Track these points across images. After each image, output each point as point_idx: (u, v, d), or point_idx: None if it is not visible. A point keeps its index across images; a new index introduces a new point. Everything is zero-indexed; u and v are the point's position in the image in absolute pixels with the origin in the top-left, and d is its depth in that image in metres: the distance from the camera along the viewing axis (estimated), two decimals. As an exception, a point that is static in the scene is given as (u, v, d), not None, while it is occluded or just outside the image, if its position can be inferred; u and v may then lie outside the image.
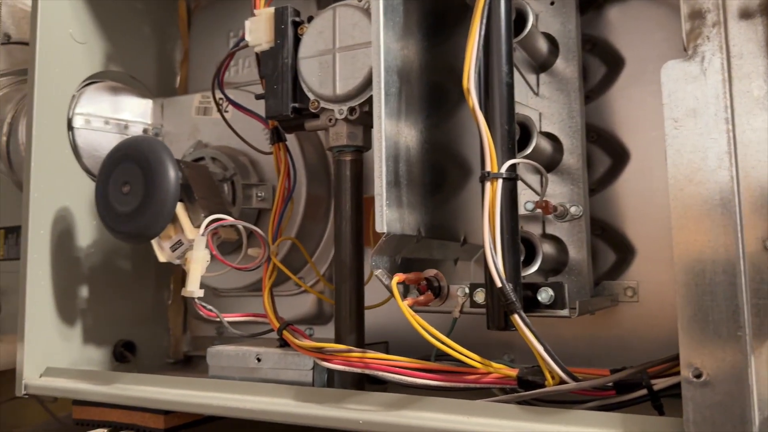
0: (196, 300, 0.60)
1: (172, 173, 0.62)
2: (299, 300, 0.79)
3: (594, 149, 0.66)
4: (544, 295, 0.48)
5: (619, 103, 0.66)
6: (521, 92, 0.61)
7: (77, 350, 0.76)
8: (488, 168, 0.47)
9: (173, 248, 0.66)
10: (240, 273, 0.72)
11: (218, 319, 0.61)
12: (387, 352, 0.67)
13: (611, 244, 0.65)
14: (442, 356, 0.53)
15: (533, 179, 0.59)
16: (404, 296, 0.54)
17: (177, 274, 0.88)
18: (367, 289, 0.60)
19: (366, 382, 0.58)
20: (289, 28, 0.58)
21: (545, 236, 0.60)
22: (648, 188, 0.64)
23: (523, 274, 0.53)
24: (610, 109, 0.66)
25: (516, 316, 0.45)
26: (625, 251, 0.65)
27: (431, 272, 0.54)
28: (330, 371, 0.58)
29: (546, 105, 0.62)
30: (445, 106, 0.64)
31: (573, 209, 0.59)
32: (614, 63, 0.66)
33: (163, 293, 0.87)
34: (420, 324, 0.48)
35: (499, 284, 0.45)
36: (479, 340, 0.56)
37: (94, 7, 0.80)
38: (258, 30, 0.59)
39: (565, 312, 0.48)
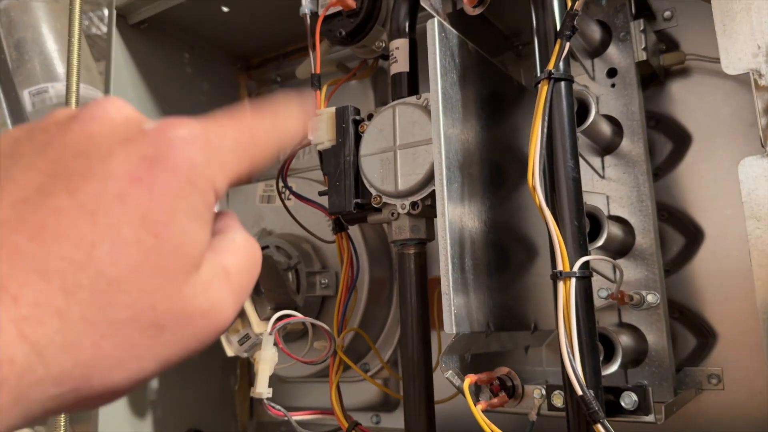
0: (265, 401, 0.60)
1: (238, 270, 0.63)
2: (365, 386, 0.78)
3: (666, 228, 0.64)
4: (628, 400, 0.46)
5: (688, 180, 0.64)
6: (586, 178, 0.60)
7: (148, 442, 0.77)
8: (560, 267, 0.46)
9: (241, 342, 0.66)
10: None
11: (286, 418, 0.60)
12: (459, 448, 0.65)
13: (691, 327, 0.62)
14: (519, 460, 0.51)
15: (606, 266, 0.57)
16: (476, 396, 0.52)
17: (243, 360, 0.89)
18: (435, 378, 0.59)
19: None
20: (350, 127, 0.59)
21: (622, 325, 0.58)
22: (726, 268, 0.61)
23: (603, 373, 0.51)
24: (680, 187, 0.64)
25: (599, 426, 0.42)
26: (706, 335, 0.61)
27: (503, 370, 0.53)
28: (402, 473, 0.56)
29: (614, 188, 0.60)
30: (506, 185, 0.63)
31: (650, 297, 0.56)
32: (681, 139, 0.65)
33: (230, 379, 0.88)
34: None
35: (579, 392, 0.43)
36: None
37: (161, 102, 0.84)
38: (320, 129, 0.60)
39: (650, 418, 0.45)
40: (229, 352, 0.67)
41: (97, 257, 0.22)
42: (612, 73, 0.61)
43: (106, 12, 1.59)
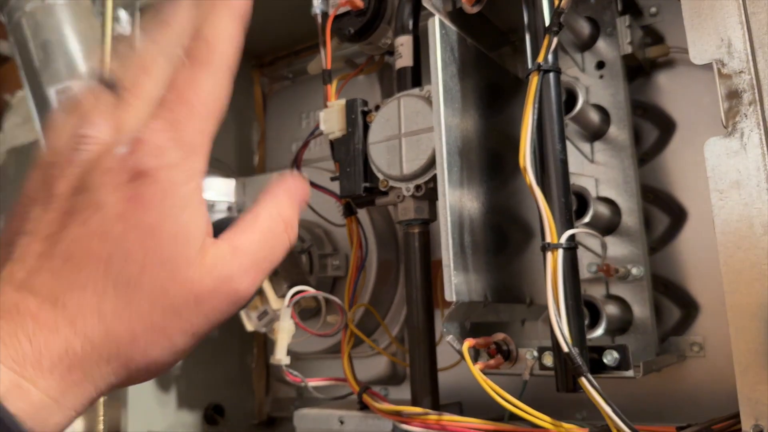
0: (284, 367, 0.65)
1: (257, 250, 0.68)
2: (374, 361, 0.83)
3: (652, 209, 0.69)
4: (609, 357, 0.51)
5: (673, 164, 0.69)
6: (576, 162, 0.65)
7: (172, 415, 0.83)
8: (548, 239, 0.51)
9: (260, 318, 0.72)
10: (319, 338, 0.78)
11: (303, 384, 0.66)
12: (461, 413, 0.70)
13: (675, 300, 0.67)
14: (515, 417, 0.56)
15: (595, 243, 0.63)
16: (475, 360, 0.57)
17: (259, 339, 0.94)
18: (438, 351, 0.64)
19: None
20: (359, 117, 0.64)
21: (609, 297, 0.63)
22: (707, 245, 0.66)
23: (589, 336, 0.56)
24: (666, 170, 0.69)
25: (583, 379, 0.48)
26: (689, 307, 0.66)
27: (499, 336, 0.58)
28: (408, 432, 0.61)
29: (602, 171, 0.65)
30: (504, 171, 0.68)
31: (635, 270, 0.62)
32: (666, 126, 0.70)
33: (247, 357, 0.94)
34: (491, 387, 0.51)
35: (565, 349, 0.48)
36: (553, 398, 0.58)
37: (181, 99, 0.90)
38: (331, 120, 0.66)
39: (630, 373, 0.51)
40: (249, 327, 0.72)
41: (114, 266, 0.29)
42: (600, 65, 0.66)
43: (121, 13, 1.65)
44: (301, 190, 0.39)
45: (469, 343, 0.55)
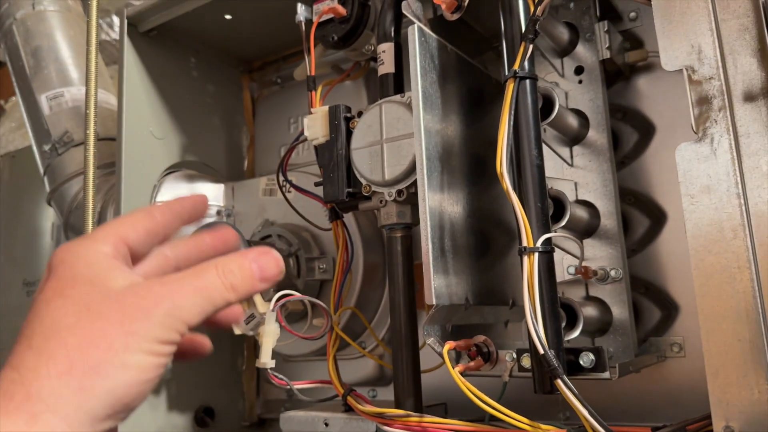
0: (269, 370, 0.66)
1: (243, 255, 0.69)
2: (362, 363, 0.84)
3: (632, 211, 0.70)
4: (585, 359, 0.52)
5: (652, 166, 0.70)
6: (556, 167, 0.66)
7: (163, 418, 0.84)
8: (525, 243, 0.52)
9: (247, 321, 0.73)
10: (307, 341, 0.78)
11: (288, 387, 0.67)
12: (446, 413, 0.71)
13: (655, 301, 0.68)
14: (496, 418, 0.57)
15: (574, 246, 0.63)
16: (456, 362, 0.58)
17: (249, 341, 0.95)
18: (423, 353, 0.65)
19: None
20: (342, 123, 0.65)
21: (589, 298, 0.64)
22: (686, 247, 0.66)
23: (566, 338, 0.57)
24: (645, 173, 0.70)
25: (559, 381, 0.48)
26: (669, 308, 0.67)
27: (480, 338, 0.59)
28: (392, 434, 0.62)
29: (581, 175, 0.66)
30: (487, 175, 0.69)
31: (613, 272, 0.62)
32: (645, 130, 0.71)
33: (238, 360, 0.94)
34: (470, 389, 0.52)
35: (541, 351, 0.49)
36: (538, 398, 0.58)
37: (170, 105, 0.90)
38: (315, 126, 0.66)
39: (606, 374, 0.51)
40: (237, 330, 0.72)
41: (38, 315, 0.35)
42: (579, 70, 0.67)
43: (114, 19, 1.65)
44: (266, 259, 0.42)
45: (449, 345, 0.56)
